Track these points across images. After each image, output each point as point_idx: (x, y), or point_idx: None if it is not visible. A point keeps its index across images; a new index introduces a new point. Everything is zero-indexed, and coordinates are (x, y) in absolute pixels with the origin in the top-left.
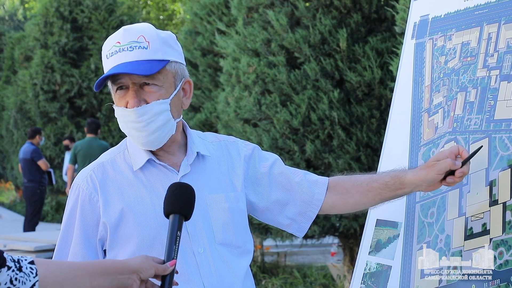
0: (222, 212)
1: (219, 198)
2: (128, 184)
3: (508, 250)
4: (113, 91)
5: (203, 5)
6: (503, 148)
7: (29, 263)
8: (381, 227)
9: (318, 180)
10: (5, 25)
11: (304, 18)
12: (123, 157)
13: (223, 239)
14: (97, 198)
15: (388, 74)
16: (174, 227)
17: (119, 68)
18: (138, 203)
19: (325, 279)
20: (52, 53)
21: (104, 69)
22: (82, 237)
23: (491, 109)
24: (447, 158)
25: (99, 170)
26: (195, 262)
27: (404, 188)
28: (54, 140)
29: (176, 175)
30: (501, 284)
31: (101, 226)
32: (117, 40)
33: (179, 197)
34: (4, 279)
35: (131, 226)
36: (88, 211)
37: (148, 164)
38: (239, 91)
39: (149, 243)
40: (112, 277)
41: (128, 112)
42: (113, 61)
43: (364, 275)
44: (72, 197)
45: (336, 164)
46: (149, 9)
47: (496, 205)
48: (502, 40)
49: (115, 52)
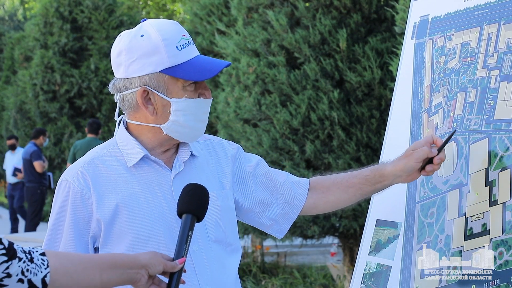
0: (214, 210)
1: (211, 196)
2: (121, 180)
3: (508, 250)
4: (182, 83)
5: (203, 5)
6: (503, 148)
7: (41, 254)
8: (381, 227)
9: (300, 181)
10: (5, 25)
11: (304, 18)
12: (114, 154)
13: (216, 236)
14: (89, 194)
15: (388, 74)
16: (186, 226)
17: (212, 61)
18: (132, 200)
19: (325, 279)
20: (52, 53)
21: (173, 59)
22: (74, 233)
23: (491, 109)
24: (424, 147)
25: (90, 166)
26: (191, 261)
27: (384, 181)
28: (54, 140)
29: (169, 172)
30: (501, 284)
31: (94, 223)
32: (182, 33)
33: (193, 197)
34: (16, 271)
35: (126, 222)
36: (80, 207)
37: (141, 161)
38: (239, 91)
39: (144, 241)
40: (121, 271)
41: (206, 104)
42: (189, 52)
43: (364, 275)
44: (61, 193)
45: (336, 164)
46: (149, 9)
47: (496, 205)
48: (502, 40)
49: (186, 44)
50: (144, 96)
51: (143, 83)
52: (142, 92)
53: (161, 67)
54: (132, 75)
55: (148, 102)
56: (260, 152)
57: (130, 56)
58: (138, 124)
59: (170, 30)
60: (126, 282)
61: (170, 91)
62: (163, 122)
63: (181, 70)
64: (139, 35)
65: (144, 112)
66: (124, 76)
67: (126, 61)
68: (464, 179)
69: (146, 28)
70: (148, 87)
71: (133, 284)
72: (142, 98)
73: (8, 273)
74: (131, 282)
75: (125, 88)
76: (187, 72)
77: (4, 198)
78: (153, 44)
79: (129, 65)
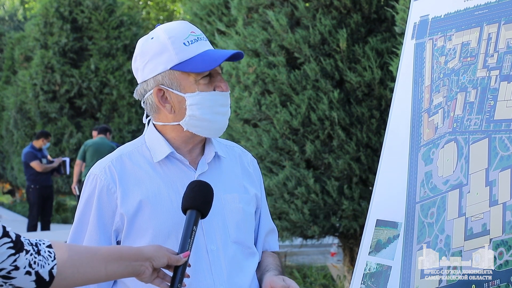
0: (236, 211)
1: (233, 198)
2: (146, 177)
3: (508, 250)
4: (194, 77)
5: (203, 5)
6: (503, 148)
7: (47, 246)
8: (381, 227)
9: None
10: (5, 25)
11: (304, 19)
12: (141, 151)
13: (236, 237)
14: (115, 189)
15: (388, 74)
16: (190, 221)
17: (223, 52)
18: (156, 196)
19: (325, 279)
20: (52, 54)
21: (182, 55)
22: (98, 226)
23: (491, 109)
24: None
25: (117, 162)
26: (207, 260)
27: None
28: (54, 141)
29: (194, 172)
30: (501, 284)
31: (117, 217)
32: (191, 30)
33: (198, 194)
34: (23, 263)
35: (148, 218)
36: (105, 201)
37: (166, 159)
38: (239, 91)
39: (164, 237)
40: (126, 263)
41: (223, 96)
42: (198, 47)
43: (364, 276)
44: (89, 187)
45: (336, 164)
46: (149, 10)
47: (496, 205)
48: (502, 40)
49: (195, 40)
50: (160, 95)
51: (157, 83)
52: (158, 91)
53: (171, 64)
54: (147, 77)
55: (165, 101)
56: (260, 152)
57: (143, 60)
58: (162, 124)
59: (177, 28)
60: (131, 274)
61: (183, 86)
62: (181, 118)
63: (189, 64)
64: (149, 38)
65: (164, 112)
66: (141, 79)
67: (140, 64)
68: (464, 179)
69: (157, 31)
70: (162, 86)
71: (138, 277)
72: (158, 97)
73: (16, 266)
74: (135, 275)
75: (144, 91)
76: (195, 65)
77: (4, 198)
78: (161, 44)
79: (143, 68)
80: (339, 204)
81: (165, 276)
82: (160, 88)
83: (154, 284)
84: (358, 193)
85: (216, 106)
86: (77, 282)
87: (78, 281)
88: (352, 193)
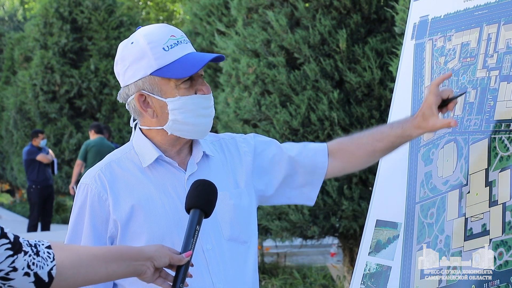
0: (228, 209)
1: (224, 195)
2: (136, 182)
3: (508, 250)
4: (174, 82)
5: (203, 5)
6: (503, 148)
7: (46, 247)
8: (381, 228)
9: (318, 148)
10: (5, 25)
11: (304, 19)
12: (130, 156)
13: (230, 235)
14: (106, 196)
15: (388, 74)
16: (193, 221)
17: (204, 56)
18: (148, 201)
19: (325, 279)
20: (51, 54)
21: (160, 61)
22: (93, 234)
23: (490, 110)
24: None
25: (107, 169)
26: (204, 259)
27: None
28: (54, 141)
29: (183, 174)
30: (501, 284)
31: (111, 224)
32: (171, 34)
33: (201, 193)
34: (22, 264)
35: (141, 223)
36: (98, 209)
37: (156, 163)
38: (239, 92)
39: (158, 240)
40: (127, 263)
41: (205, 99)
42: (178, 51)
43: (364, 276)
44: (80, 196)
45: None
46: (148, 10)
47: (496, 206)
48: (501, 40)
49: (174, 44)
50: (142, 100)
51: (138, 88)
52: (139, 96)
53: (150, 70)
54: (129, 82)
55: (147, 106)
56: None
57: (124, 64)
58: (147, 128)
59: (156, 33)
60: (132, 274)
61: (164, 91)
62: (164, 123)
63: (169, 70)
64: (129, 43)
65: (147, 117)
66: (123, 84)
67: (121, 69)
68: (464, 179)
69: (136, 35)
70: (143, 91)
71: (139, 276)
72: (140, 102)
73: (14, 267)
74: (136, 274)
75: (127, 96)
76: (175, 70)
77: (4, 198)
78: (140, 49)
79: (124, 73)
80: (339, 204)
81: (167, 275)
82: (141, 93)
83: (156, 283)
84: (358, 193)
85: (199, 109)
86: (78, 283)
87: (78, 282)
88: (352, 194)
